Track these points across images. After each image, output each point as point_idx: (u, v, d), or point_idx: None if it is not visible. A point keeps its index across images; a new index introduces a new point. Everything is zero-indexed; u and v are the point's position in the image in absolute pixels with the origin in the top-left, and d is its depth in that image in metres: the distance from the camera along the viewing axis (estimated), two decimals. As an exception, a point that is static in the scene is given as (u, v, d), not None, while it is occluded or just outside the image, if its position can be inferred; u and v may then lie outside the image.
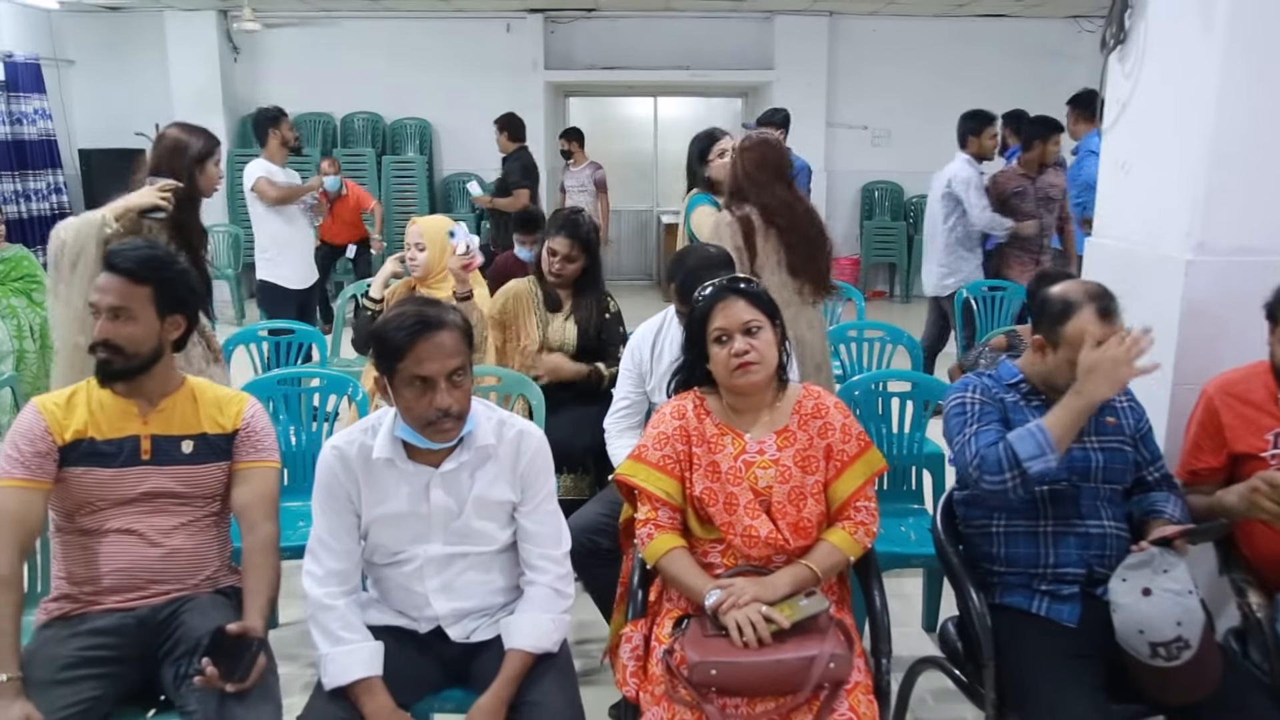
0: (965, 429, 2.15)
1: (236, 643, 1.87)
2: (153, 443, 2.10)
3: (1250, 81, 2.46)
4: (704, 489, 2.09)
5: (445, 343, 1.90)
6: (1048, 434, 2.02)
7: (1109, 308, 2.10)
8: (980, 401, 2.18)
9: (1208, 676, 1.92)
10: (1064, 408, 2.04)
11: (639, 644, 2.06)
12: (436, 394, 1.90)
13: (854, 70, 9.81)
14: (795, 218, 3.39)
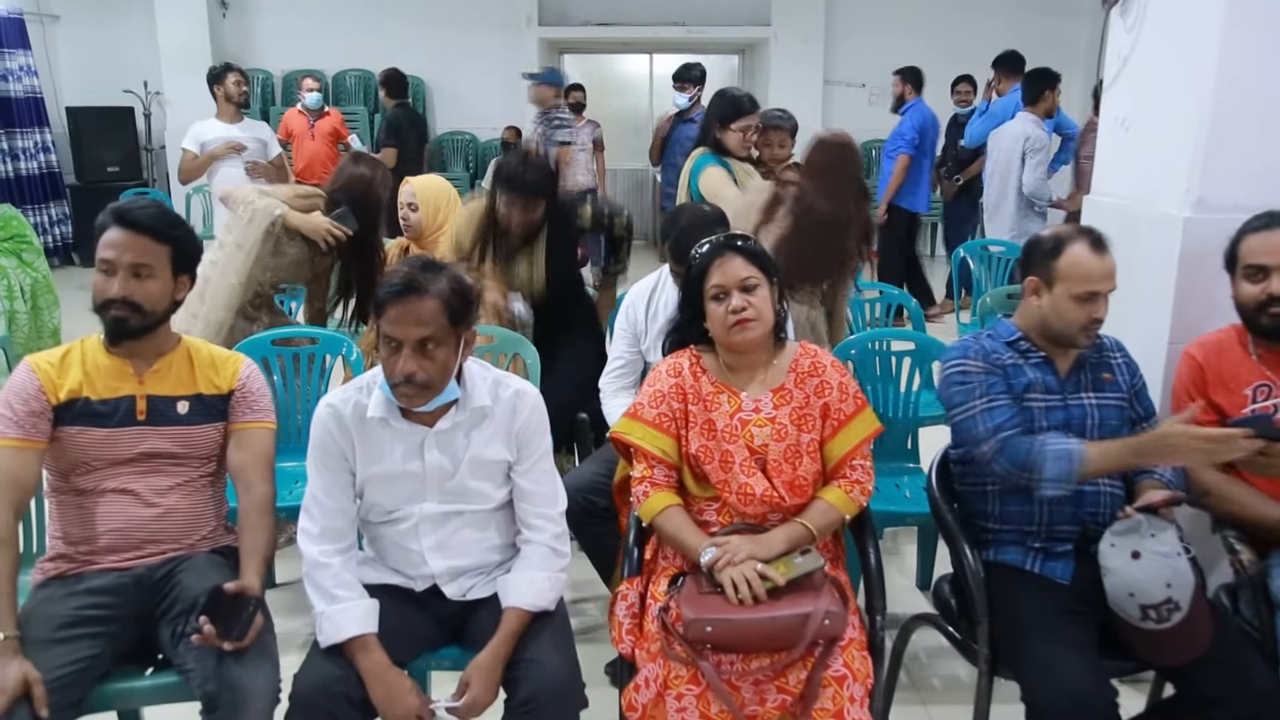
0: (971, 400, 2.14)
1: (234, 602, 1.87)
2: (148, 403, 2.09)
3: (1252, 38, 2.44)
4: (700, 447, 2.09)
5: (419, 310, 1.89)
6: (1079, 467, 2.01)
7: (1100, 239, 2.12)
8: (983, 370, 2.16)
9: (1198, 638, 1.93)
10: (1112, 455, 2.03)
11: (634, 602, 2.07)
12: (399, 359, 1.90)
13: (852, 27, 9.71)
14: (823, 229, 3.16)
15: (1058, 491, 2.04)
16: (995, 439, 2.09)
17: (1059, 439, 2.07)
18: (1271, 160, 2.50)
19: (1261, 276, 2.18)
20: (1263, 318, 2.19)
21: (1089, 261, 2.08)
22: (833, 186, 3.18)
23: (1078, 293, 2.09)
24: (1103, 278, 2.09)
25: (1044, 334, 2.19)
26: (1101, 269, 2.09)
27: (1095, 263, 2.08)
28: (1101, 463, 2.03)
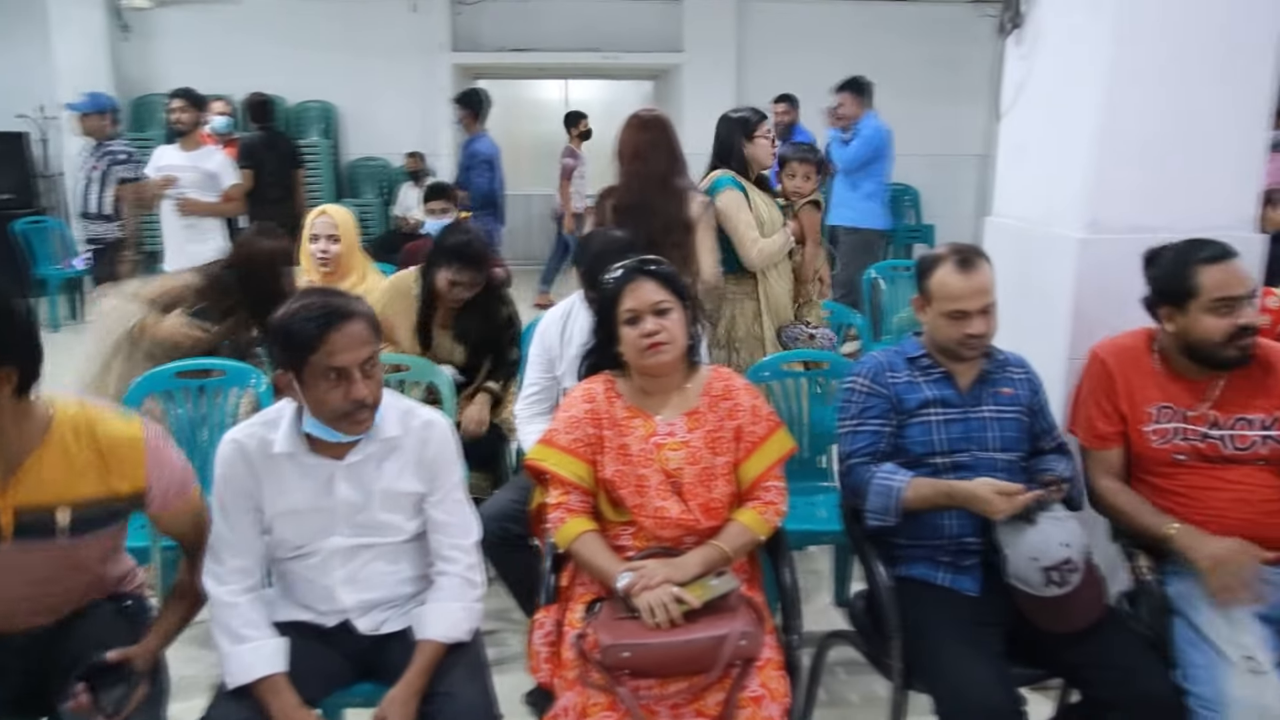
0: (846, 420, 2.27)
1: (115, 671, 1.78)
2: (15, 518, 1.74)
3: (1139, 64, 2.54)
4: (614, 471, 2.09)
5: (357, 332, 1.85)
6: (898, 503, 2.14)
7: (968, 259, 2.18)
8: (867, 390, 2.26)
9: (1096, 601, 2.04)
10: (929, 495, 2.14)
11: (551, 630, 2.05)
12: (352, 385, 1.85)
13: (763, 53, 9.89)
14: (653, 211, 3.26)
15: (878, 523, 2.16)
16: (847, 462, 2.22)
17: (889, 473, 2.17)
18: (1159, 183, 2.60)
19: (1228, 309, 2.14)
20: (1230, 349, 2.15)
21: (953, 281, 2.16)
22: (652, 167, 3.29)
23: (947, 311, 2.17)
24: (970, 295, 2.16)
25: (939, 351, 2.25)
26: (966, 288, 2.16)
27: (960, 282, 2.16)
28: (919, 502, 2.14)
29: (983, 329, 2.19)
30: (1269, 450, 2.20)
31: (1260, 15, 2.57)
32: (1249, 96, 2.61)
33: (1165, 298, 2.23)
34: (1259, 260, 2.76)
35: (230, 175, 5.66)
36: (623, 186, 3.35)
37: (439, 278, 3.18)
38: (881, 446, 2.23)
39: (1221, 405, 2.22)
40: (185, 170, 5.46)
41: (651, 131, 3.34)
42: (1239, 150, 2.64)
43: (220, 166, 5.62)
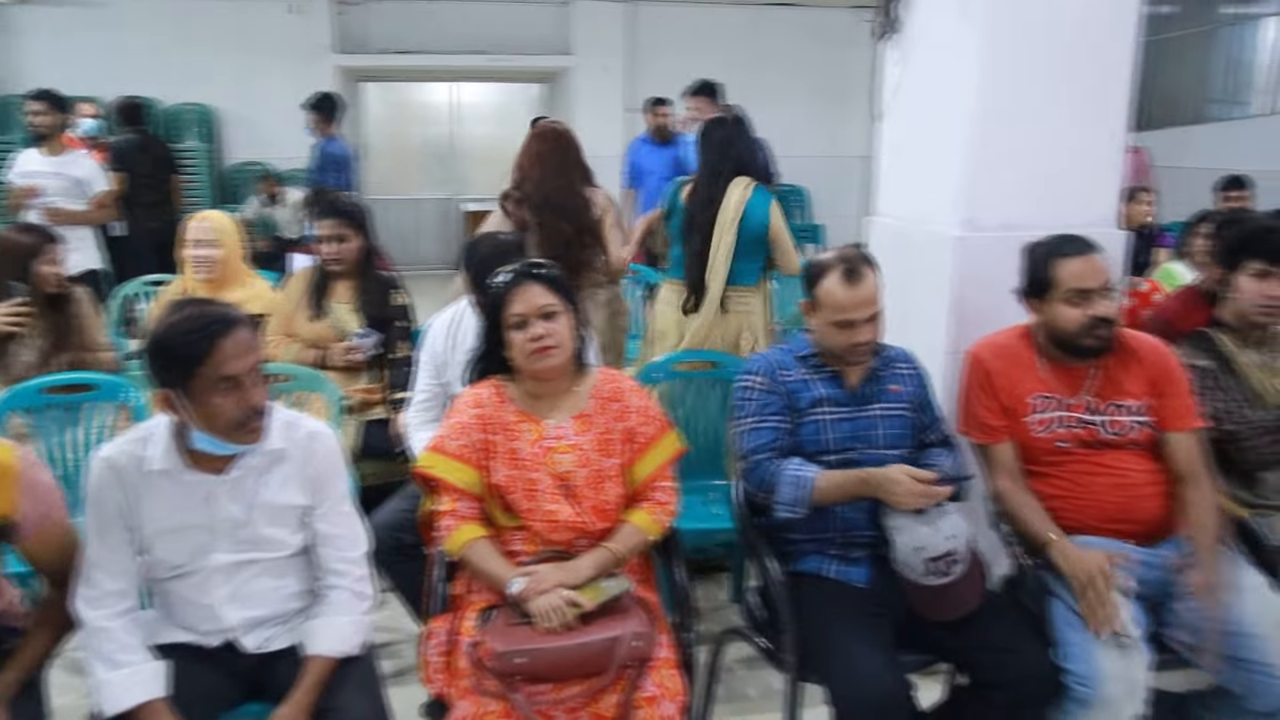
0: (744, 418, 2.29)
1: None
2: None
3: (1006, 70, 2.64)
4: (504, 477, 2.07)
5: (245, 339, 1.81)
6: (809, 493, 2.17)
7: (854, 269, 2.21)
8: (764, 388, 2.29)
9: (974, 592, 2.10)
10: (842, 484, 2.18)
11: (444, 639, 2.02)
12: (245, 393, 1.80)
13: (652, 56, 9.95)
14: (563, 220, 3.51)
15: (790, 514, 2.19)
16: (749, 459, 2.24)
17: (798, 466, 2.20)
18: (1029, 183, 2.71)
19: (1083, 300, 2.24)
20: (1087, 339, 2.25)
21: (839, 292, 2.20)
22: (559, 171, 3.54)
23: (833, 320, 2.22)
24: (855, 306, 2.20)
25: (827, 352, 2.30)
26: (852, 299, 2.20)
27: (845, 294, 2.20)
28: (832, 491, 2.18)
29: (869, 337, 2.24)
30: (1142, 435, 2.30)
31: (1118, 23, 2.69)
32: (1108, 100, 2.74)
33: (1031, 290, 2.34)
34: (1122, 254, 2.90)
35: (100, 181, 5.39)
36: (537, 192, 3.53)
37: (317, 246, 3.27)
38: (782, 441, 2.25)
39: (1098, 392, 2.32)
40: (49, 177, 5.12)
41: (551, 140, 3.60)
42: (1100, 151, 2.76)
43: (88, 172, 5.33)
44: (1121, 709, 2.01)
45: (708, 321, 3.52)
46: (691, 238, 3.53)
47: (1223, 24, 9.93)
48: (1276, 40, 9.28)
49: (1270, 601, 2.13)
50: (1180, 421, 2.31)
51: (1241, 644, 2.05)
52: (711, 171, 3.52)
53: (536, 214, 3.51)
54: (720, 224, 3.48)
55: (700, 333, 3.53)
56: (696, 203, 3.52)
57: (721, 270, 3.50)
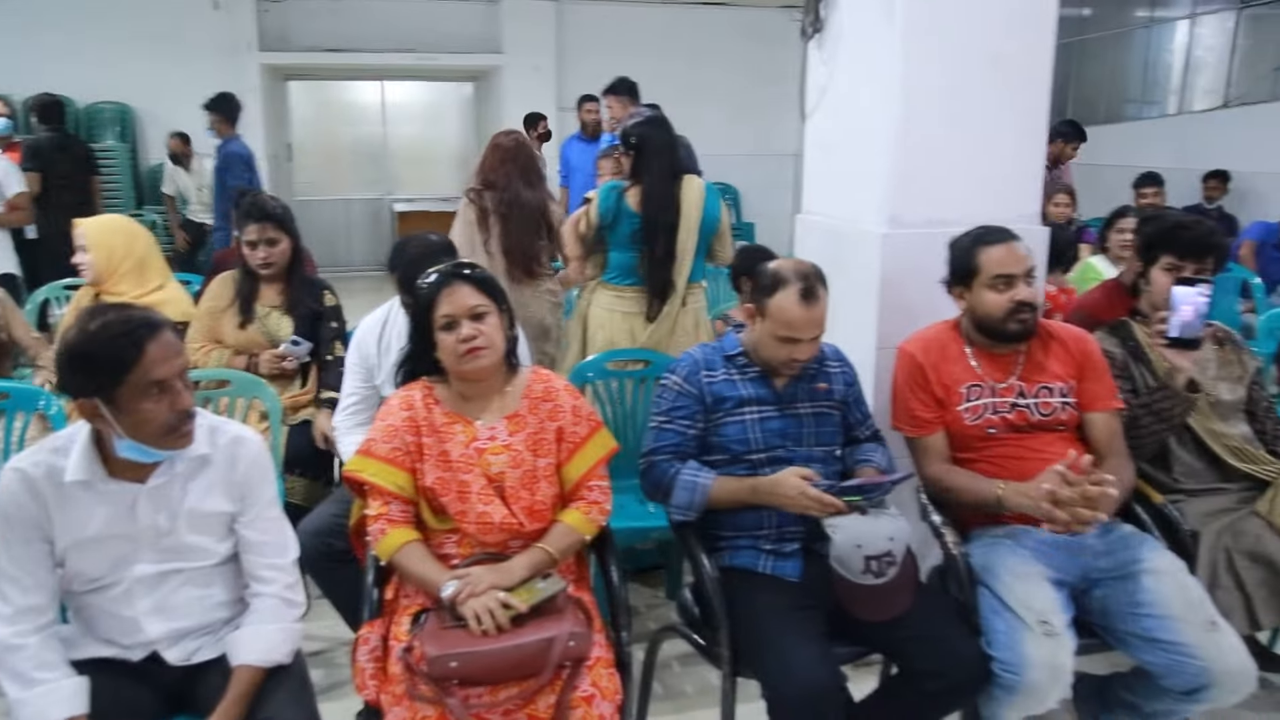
0: (655, 416, 2.33)
1: None
2: None
3: (928, 69, 2.69)
4: (436, 479, 2.05)
5: (171, 341, 1.76)
6: (703, 499, 2.22)
7: (812, 289, 2.22)
8: (678, 390, 2.32)
9: (905, 595, 2.12)
10: (734, 491, 2.23)
11: (377, 645, 1.99)
12: (175, 397, 1.76)
13: (583, 55, 9.93)
14: (524, 214, 3.78)
15: (682, 518, 2.24)
16: (649, 458, 2.28)
17: (695, 470, 2.24)
18: (953, 180, 2.76)
19: (1006, 285, 2.33)
20: (1011, 323, 2.33)
21: (794, 310, 2.20)
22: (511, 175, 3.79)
23: (780, 335, 2.23)
24: (805, 326, 2.22)
25: (758, 355, 2.33)
26: (805, 319, 2.21)
27: (800, 313, 2.21)
28: (725, 498, 2.22)
29: (808, 355, 2.27)
30: (1068, 416, 2.38)
31: (1036, 25, 2.76)
32: (1028, 98, 2.80)
33: (956, 278, 2.42)
34: (1044, 249, 2.98)
35: (14, 182, 5.22)
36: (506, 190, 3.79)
37: (245, 250, 3.21)
38: (685, 446, 2.29)
39: (1026, 375, 2.39)
40: None
41: (514, 147, 3.87)
42: (1022, 148, 2.83)
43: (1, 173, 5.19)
44: (1047, 694, 2.07)
45: (671, 320, 3.55)
46: (654, 242, 3.50)
47: (1137, 26, 10.24)
48: (1186, 42, 9.60)
49: (1185, 584, 2.20)
50: (1101, 402, 2.40)
51: (1159, 626, 2.12)
52: (664, 175, 3.53)
53: (505, 209, 3.77)
54: (686, 225, 3.52)
55: (661, 331, 3.54)
56: (654, 207, 3.49)
57: (686, 270, 3.54)
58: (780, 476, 2.18)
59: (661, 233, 3.50)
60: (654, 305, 3.54)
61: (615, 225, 3.56)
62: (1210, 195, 7.65)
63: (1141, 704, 2.26)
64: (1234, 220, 7.27)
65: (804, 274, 2.24)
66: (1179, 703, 2.15)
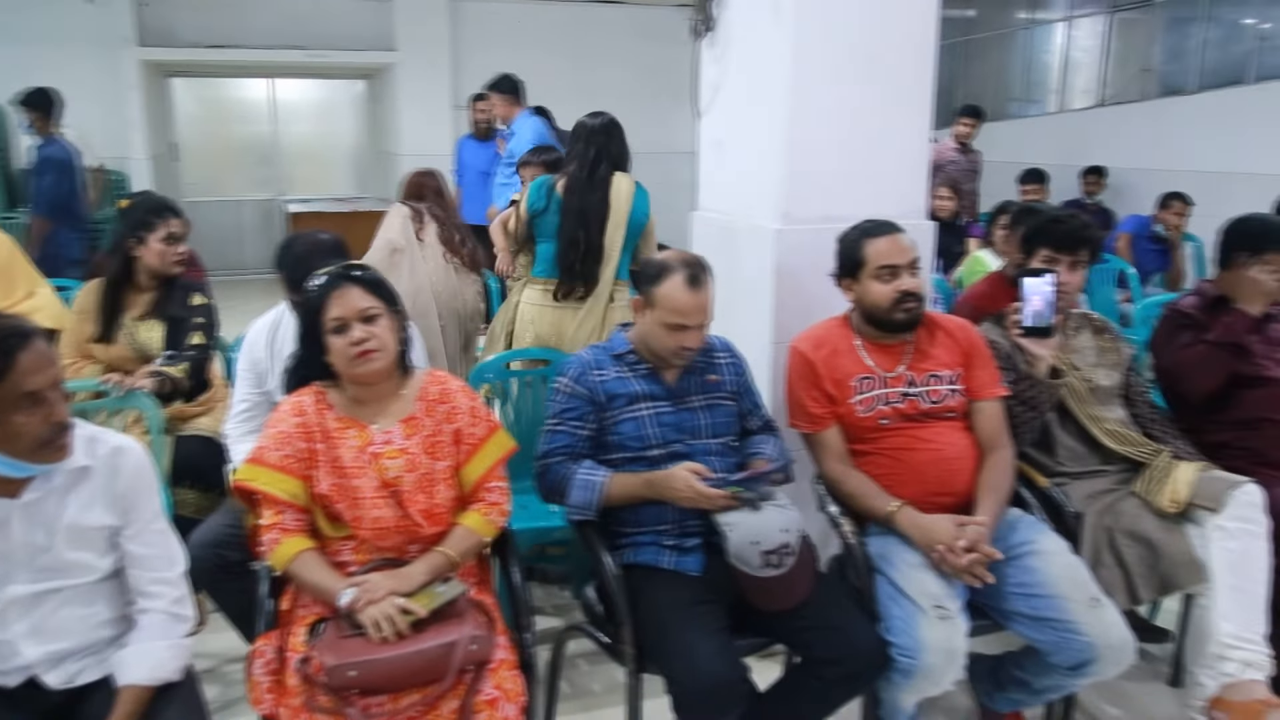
0: (549, 420, 2.34)
1: None
2: None
3: (817, 68, 2.74)
4: (330, 485, 2.01)
5: (44, 350, 1.68)
6: (600, 497, 2.24)
7: (697, 276, 2.26)
8: (568, 392, 2.33)
9: (805, 583, 2.16)
10: (630, 486, 2.25)
11: (273, 658, 1.94)
12: (50, 408, 1.68)
13: (478, 53, 9.81)
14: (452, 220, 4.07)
15: (580, 517, 2.26)
16: (544, 461, 2.29)
17: (590, 470, 2.26)
18: (843, 176, 2.82)
19: (891, 276, 2.39)
20: (897, 313, 2.40)
21: (681, 296, 2.24)
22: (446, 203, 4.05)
23: (668, 322, 2.26)
24: (692, 311, 2.25)
25: (647, 350, 2.34)
26: (692, 304, 2.24)
27: (687, 298, 2.24)
28: (621, 494, 2.25)
29: (696, 343, 2.29)
30: (957, 403, 2.45)
31: (919, 25, 2.84)
32: (914, 98, 2.88)
33: (844, 270, 2.48)
34: (931, 244, 3.06)
35: None
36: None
37: (149, 250, 3.06)
38: (578, 447, 2.30)
39: (914, 365, 2.46)
40: None
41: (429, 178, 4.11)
42: (908, 145, 2.91)
43: None
44: (942, 676, 2.13)
45: (598, 316, 3.55)
46: (575, 230, 3.52)
47: (1018, 28, 10.62)
48: (1064, 44, 9.99)
49: (1070, 564, 2.28)
50: (987, 390, 2.48)
51: (1046, 605, 2.20)
52: (591, 165, 3.57)
53: (438, 210, 4.02)
54: (615, 216, 3.55)
55: (588, 327, 3.54)
56: (578, 194, 3.53)
57: (613, 265, 3.56)
58: (672, 471, 2.20)
59: (582, 221, 3.52)
60: (573, 289, 3.55)
61: (544, 214, 3.60)
62: (1088, 190, 7.97)
63: (1031, 680, 2.34)
64: (1110, 214, 7.59)
65: (688, 261, 2.29)
66: (1066, 677, 2.24)
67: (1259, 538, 2.40)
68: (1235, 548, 2.38)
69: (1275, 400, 2.76)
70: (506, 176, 5.90)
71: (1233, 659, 2.32)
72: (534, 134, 5.95)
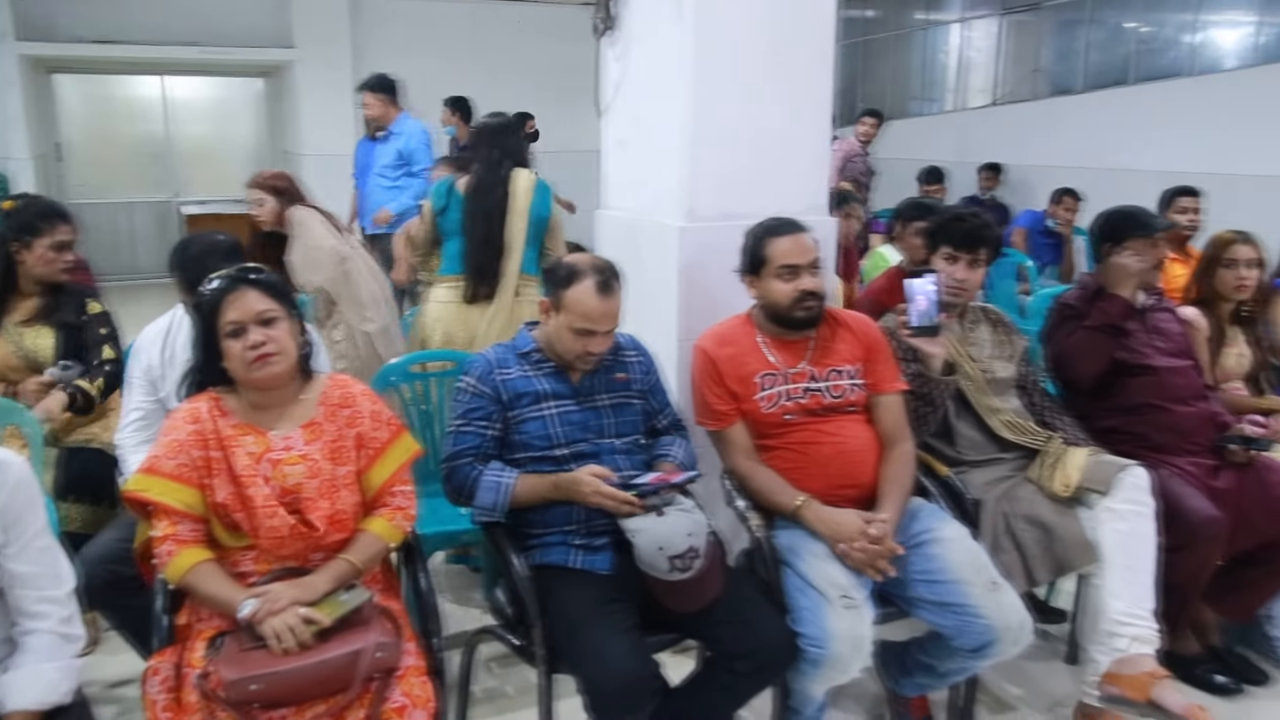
0: (454, 421, 2.32)
1: None
2: None
3: (718, 66, 2.76)
4: (228, 494, 1.95)
5: None
6: (507, 498, 2.23)
7: (608, 283, 2.27)
8: (473, 392, 2.31)
9: (716, 583, 2.18)
10: (537, 487, 2.24)
11: (169, 675, 1.87)
12: None
13: (380, 51, 9.64)
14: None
15: (488, 518, 2.26)
16: (451, 463, 2.28)
17: (497, 471, 2.26)
18: (745, 173, 2.84)
19: (792, 275, 2.42)
20: (798, 311, 2.43)
21: (590, 302, 2.24)
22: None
23: (577, 327, 2.25)
24: (601, 318, 2.26)
25: (552, 350, 2.33)
26: (601, 310, 2.25)
27: (596, 304, 2.24)
28: (529, 495, 2.25)
29: (603, 348, 2.30)
30: (858, 397, 2.50)
31: (817, 25, 2.87)
32: (813, 96, 2.91)
33: (748, 268, 2.50)
34: (834, 239, 3.11)
35: None
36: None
37: (34, 256, 2.92)
38: (485, 447, 2.29)
39: (816, 360, 2.49)
40: None
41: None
42: (808, 144, 2.95)
43: None
44: (850, 663, 2.17)
45: (507, 310, 3.56)
46: (477, 225, 3.58)
47: (915, 28, 10.88)
48: (959, 44, 10.28)
49: (970, 549, 2.35)
50: (887, 384, 2.53)
51: (948, 590, 2.25)
52: (492, 162, 3.65)
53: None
54: (514, 210, 3.61)
55: (499, 322, 3.54)
56: (479, 190, 3.60)
57: (516, 260, 3.60)
58: (577, 474, 2.20)
59: (483, 216, 3.59)
60: (478, 288, 3.58)
61: (445, 213, 3.66)
62: (985, 186, 8.22)
63: (936, 664, 2.40)
64: (1007, 209, 7.84)
65: (600, 267, 2.29)
66: (969, 659, 2.30)
67: (1146, 518, 2.51)
68: (1124, 528, 2.48)
69: (1157, 387, 2.90)
70: (393, 180, 5.81)
71: (1124, 635, 2.42)
72: (424, 137, 5.87)
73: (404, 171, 5.83)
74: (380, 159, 5.89)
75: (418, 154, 5.81)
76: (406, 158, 5.80)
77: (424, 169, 5.75)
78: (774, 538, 2.39)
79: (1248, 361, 3.27)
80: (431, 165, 5.77)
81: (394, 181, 5.83)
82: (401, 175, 5.85)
